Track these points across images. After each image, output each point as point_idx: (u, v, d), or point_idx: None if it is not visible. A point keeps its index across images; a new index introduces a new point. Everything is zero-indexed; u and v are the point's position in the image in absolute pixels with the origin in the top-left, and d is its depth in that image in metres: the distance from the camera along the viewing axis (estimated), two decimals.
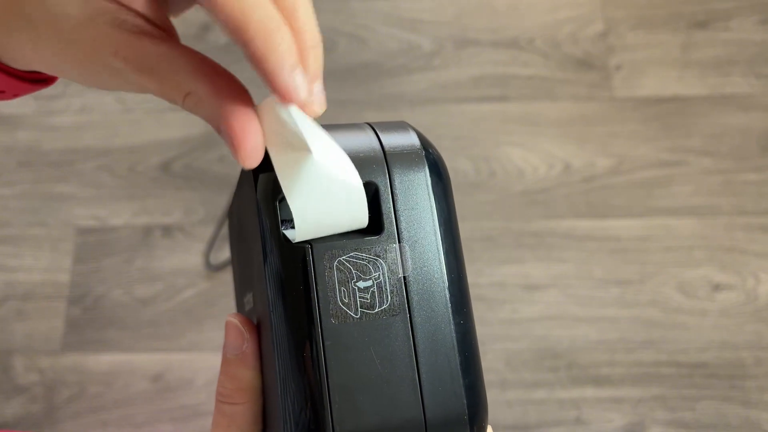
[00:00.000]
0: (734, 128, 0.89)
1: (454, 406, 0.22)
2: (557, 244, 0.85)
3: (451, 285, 0.23)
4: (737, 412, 0.78)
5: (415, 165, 0.23)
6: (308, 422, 0.21)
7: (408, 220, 0.23)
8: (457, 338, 0.22)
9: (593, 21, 0.95)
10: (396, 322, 0.21)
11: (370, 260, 0.22)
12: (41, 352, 0.85)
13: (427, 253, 0.22)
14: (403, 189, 0.23)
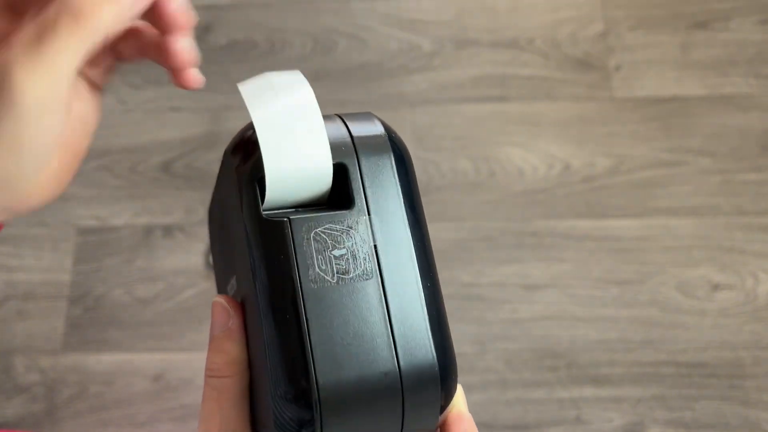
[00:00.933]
0: (733, 128, 0.89)
1: (425, 358, 0.25)
2: (557, 244, 0.85)
3: (417, 252, 0.25)
4: (736, 411, 0.78)
5: (380, 149, 0.26)
6: (294, 377, 0.23)
7: (375, 196, 0.25)
8: (425, 299, 0.25)
9: (593, 21, 0.95)
10: (369, 286, 0.24)
11: (343, 231, 0.24)
12: (42, 352, 0.85)
13: (394, 224, 0.25)
14: (369, 169, 0.26)
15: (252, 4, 1.00)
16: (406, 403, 0.24)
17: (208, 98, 0.95)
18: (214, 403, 0.26)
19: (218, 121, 0.94)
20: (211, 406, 0.26)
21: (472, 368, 0.81)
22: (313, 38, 0.97)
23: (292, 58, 0.96)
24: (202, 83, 0.29)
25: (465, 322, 0.83)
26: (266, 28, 0.99)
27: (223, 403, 0.26)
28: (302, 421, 0.23)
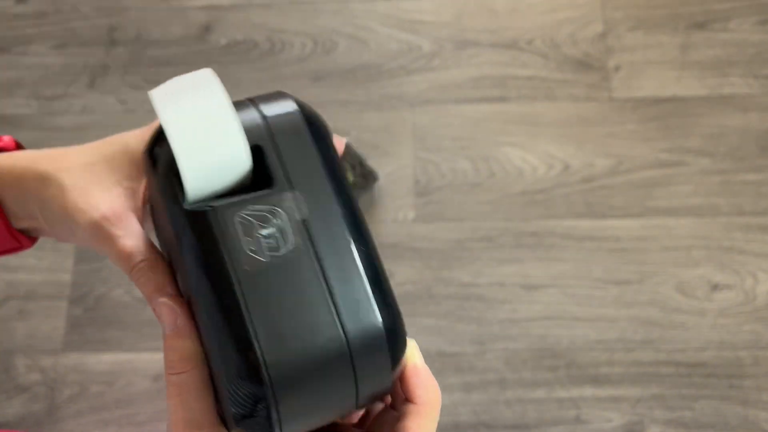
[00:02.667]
0: (733, 129, 0.89)
1: (370, 321, 0.25)
2: (556, 244, 0.85)
3: (347, 219, 0.26)
4: (736, 411, 0.78)
5: (294, 125, 0.26)
6: (242, 357, 0.23)
7: (296, 171, 0.25)
8: (362, 263, 0.25)
9: (592, 22, 0.95)
10: (303, 258, 0.24)
11: (267, 210, 0.25)
12: (43, 352, 0.86)
13: (320, 195, 0.25)
14: (286, 146, 0.26)
15: (252, 5, 1.00)
16: (357, 367, 0.25)
17: None
18: (176, 398, 0.27)
19: None
20: (175, 402, 0.27)
21: (472, 368, 0.81)
22: (313, 39, 0.98)
23: (292, 58, 0.97)
24: None
25: (464, 321, 0.83)
26: (266, 28, 0.99)
27: (185, 396, 0.27)
28: (256, 398, 0.24)
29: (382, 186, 0.90)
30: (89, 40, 1.00)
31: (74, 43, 1.00)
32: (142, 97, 0.96)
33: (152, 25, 1.00)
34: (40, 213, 0.32)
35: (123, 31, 1.00)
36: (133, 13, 1.01)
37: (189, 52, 0.98)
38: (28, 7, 1.03)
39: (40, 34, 1.01)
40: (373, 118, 0.93)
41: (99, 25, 1.01)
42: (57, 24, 1.02)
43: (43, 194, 0.31)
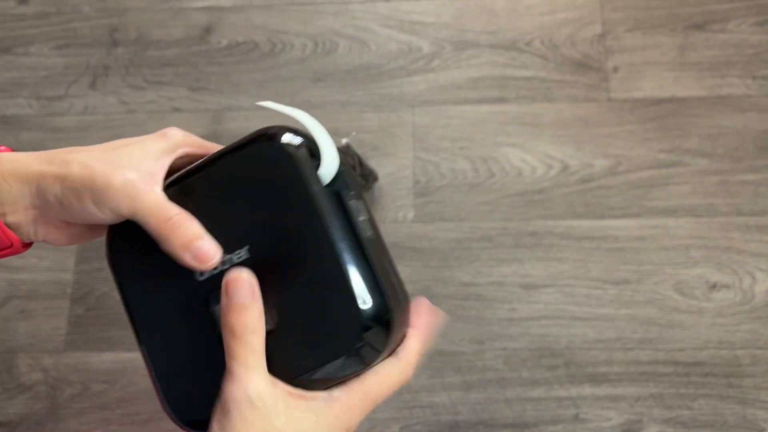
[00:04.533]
0: (731, 129, 0.89)
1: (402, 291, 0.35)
2: (555, 244, 0.86)
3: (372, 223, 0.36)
4: (734, 410, 0.79)
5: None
6: (377, 305, 0.33)
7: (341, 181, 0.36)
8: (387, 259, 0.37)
9: (591, 23, 0.95)
10: (378, 241, 0.37)
11: (356, 199, 0.36)
12: (44, 351, 0.86)
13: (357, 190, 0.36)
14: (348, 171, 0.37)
15: (253, 6, 1.01)
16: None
17: (210, 99, 0.96)
18: (256, 353, 0.32)
19: (219, 121, 0.94)
20: (257, 354, 0.32)
21: (471, 367, 0.82)
22: (313, 40, 0.98)
23: (293, 59, 0.97)
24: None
25: (464, 321, 0.83)
26: (267, 29, 0.99)
27: (258, 350, 0.32)
28: (376, 332, 0.33)
29: (382, 186, 0.90)
30: (90, 41, 1.00)
31: (75, 43, 1.00)
32: (143, 97, 0.97)
33: (153, 25, 1.01)
34: (52, 196, 0.34)
35: (124, 32, 1.01)
36: (134, 14, 1.02)
37: (190, 53, 0.98)
38: (29, 8, 1.03)
39: (42, 34, 1.01)
40: (373, 119, 0.93)
41: (100, 25, 1.01)
42: (58, 25, 1.02)
43: (62, 173, 0.34)
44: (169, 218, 0.33)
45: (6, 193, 0.34)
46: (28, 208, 0.34)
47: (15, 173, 0.34)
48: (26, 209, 0.34)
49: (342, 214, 0.33)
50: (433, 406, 0.81)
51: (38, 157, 0.35)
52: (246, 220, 0.34)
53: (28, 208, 0.34)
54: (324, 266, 0.32)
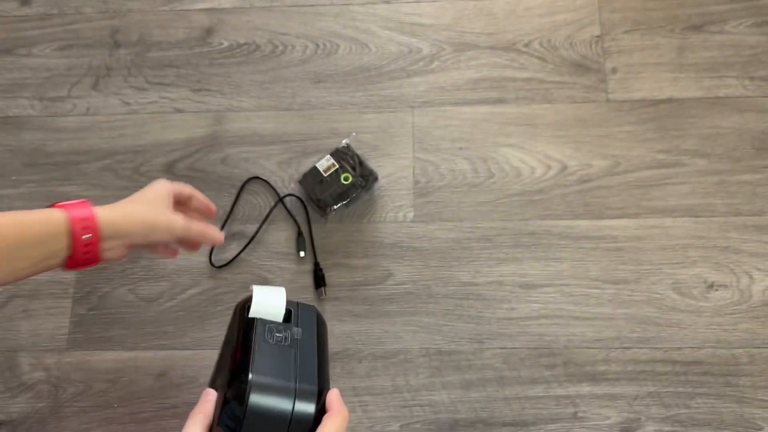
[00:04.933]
0: (729, 130, 0.90)
1: (312, 387, 0.50)
2: (554, 244, 0.86)
3: (319, 349, 0.55)
4: (732, 409, 0.79)
5: (311, 312, 0.57)
6: (238, 386, 0.48)
7: (302, 323, 0.56)
8: (317, 359, 0.53)
9: (589, 24, 0.96)
10: (290, 350, 0.52)
11: (284, 328, 0.53)
12: (47, 350, 0.86)
13: (308, 335, 0.55)
14: (303, 314, 0.56)
15: (254, 8, 1.01)
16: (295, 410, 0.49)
17: (211, 100, 0.96)
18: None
19: (220, 122, 0.95)
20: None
21: (471, 366, 0.82)
22: (314, 41, 0.98)
23: (294, 60, 0.97)
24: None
25: (463, 320, 0.84)
26: (268, 31, 0.99)
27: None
28: (236, 414, 0.47)
29: (381, 186, 0.90)
30: (92, 42, 1.01)
31: (77, 44, 1.01)
32: (145, 98, 0.97)
33: (155, 27, 1.01)
34: (126, 228, 0.57)
35: (126, 34, 1.01)
36: (135, 16, 1.02)
37: (191, 54, 0.99)
38: (31, 9, 1.04)
39: (44, 35, 1.02)
40: (373, 120, 0.93)
41: (102, 27, 1.02)
42: (60, 26, 1.02)
43: (130, 215, 0.58)
44: (187, 227, 0.62)
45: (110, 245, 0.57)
46: (121, 248, 0.58)
47: (117, 235, 0.57)
48: (119, 248, 0.58)
49: (249, 326, 0.53)
50: (432, 404, 0.81)
51: (123, 218, 0.57)
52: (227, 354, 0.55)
53: (121, 248, 0.58)
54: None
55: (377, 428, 0.81)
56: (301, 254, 0.87)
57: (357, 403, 0.81)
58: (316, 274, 0.86)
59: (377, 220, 0.88)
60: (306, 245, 0.88)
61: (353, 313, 0.85)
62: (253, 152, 0.93)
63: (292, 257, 0.88)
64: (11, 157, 0.95)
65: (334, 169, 0.87)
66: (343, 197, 0.87)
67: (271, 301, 0.54)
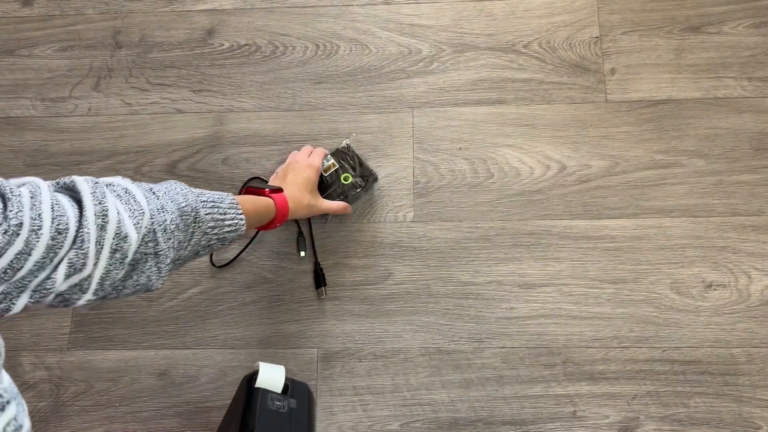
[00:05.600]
0: (727, 130, 0.90)
1: None
2: (553, 244, 0.86)
3: (308, 414, 0.70)
4: (730, 408, 0.79)
5: (305, 388, 0.70)
6: None
7: (296, 397, 0.68)
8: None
9: (588, 26, 0.96)
10: (285, 415, 0.66)
11: (281, 399, 0.66)
12: (48, 350, 0.86)
13: (302, 405, 0.68)
14: (297, 389, 0.70)
15: (255, 9, 1.01)
16: None
17: (212, 101, 0.96)
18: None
19: (221, 122, 0.95)
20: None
21: (470, 365, 0.82)
22: (314, 42, 0.99)
23: (294, 61, 0.98)
24: None
25: (463, 320, 0.84)
26: (269, 32, 1.00)
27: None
28: None
29: (381, 186, 0.91)
30: (94, 43, 1.01)
31: (79, 45, 1.01)
32: (146, 99, 0.97)
33: (156, 28, 1.01)
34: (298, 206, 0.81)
35: (127, 35, 1.01)
36: (137, 17, 1.02)
37: (192, 55, 0.99)
38: (33, 10, 1.04)
39: (46, 36, 1.02)
40: (373, 120, 0.94)
41: (103, 28, 1.02)
42: (62, 27, 1.02)
43: (299, 200, 0.81)
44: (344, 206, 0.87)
45: None
46: None
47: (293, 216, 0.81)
48: None
49: (252, 394, 0.66)
50: (432, 403, 0.81)
51: (296, 206, 0.80)
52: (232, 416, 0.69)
53: None
54: None
55: (377, 427, 0.81)
56: (301, 254, 0.88)
57: (357, 402, 0.82)
58: (317, 273, 0.86)
59: (377, 220, 0.89)
60: (306, 245, 0.88)
61: (353, 313, 0.85)
62: (254, 152, 0.93)
63: (293, 257, 0.88)
64: (13, 158, 0.96)
65: (334, 169, 0.88)
66: (342, 197, 0.87)
67: (274, 376, 0.67)
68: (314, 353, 0.84)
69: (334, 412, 0.82)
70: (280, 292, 0.87)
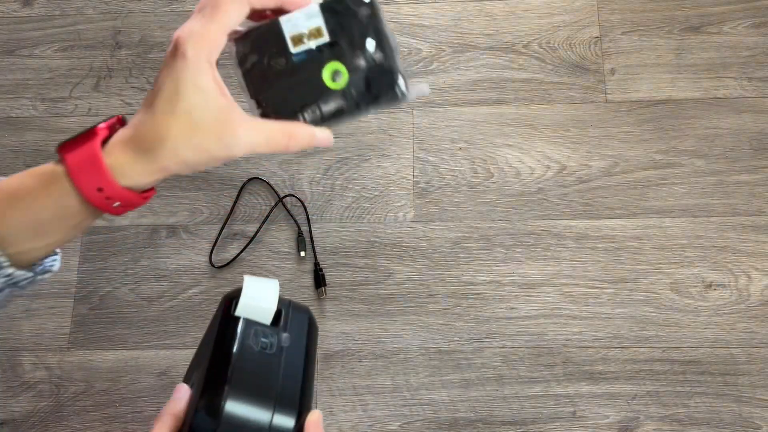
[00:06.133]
0: (727, 130, 0.90)
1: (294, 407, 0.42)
2: (553, 244, 0.86)
3: (307, 351, 0.46)
4: (730, 408, 0.79)
5: (304, 311, 0.48)
6: (213, 399, 0.39)
7: (291, 327, 0.46)
8: (302, 376, 0.44)
9: (588, 25, 0.96)
10: (274, 360, 0.43)
11: (270, 333, 0.44)
12: (48, 350, 0.86)
13: (297, 340, 0.46)
14: (293, 316, 0.46)
15: None
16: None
17: None
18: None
19: None
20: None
21: (470, 365, 0.82)
22: None
23: None
24: None
25: (463, 320, 0.84)
26: None
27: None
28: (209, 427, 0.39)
29: (381, 186, 0.91)
30: (94, 43, 1.01)
31: (79, 45, 1.01)
32: None
33: (156, 28, 1.01)
34: None
35: (127, 34, 1.01)
36: (137, 17, 1.02)
37: None
38: (33, 10, 1.04)
39: (46, 36, 1.02)
40: (372, 120, 0.94)
41: (103, 28, 1.02)
42: (62, 27, 1.02)
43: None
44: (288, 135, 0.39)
45: None
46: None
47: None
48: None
49: (230, 327, 0.44)
50: (432, 403, 0.81)
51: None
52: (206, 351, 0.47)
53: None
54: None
55: (377, 427, 0.81)
56: (301, 254, 0.88)
57: (357, 402, 0.82)
58: (317, 273, 0.86)
59: (377, 220, 0.89)
60: (306, 245, 0.88)
61: (353, 313, 0.85)
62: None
63: (293, 257, 0.88)
64: (14, 158, 0.96)
65: (316, 44, 0.38)
66: (318, 116, 0.39)
67: (262, 299, 0.46)
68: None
69: (334, 412, 0.82)
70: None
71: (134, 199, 0.37)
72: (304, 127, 0.38)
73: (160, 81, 0.36)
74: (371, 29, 0.38)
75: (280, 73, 0.39)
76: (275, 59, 0.39)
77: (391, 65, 0.38)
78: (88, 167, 0.36)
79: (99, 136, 0.37)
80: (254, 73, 0.40)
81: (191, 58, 0.35)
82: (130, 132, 0.37)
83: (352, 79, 0.38)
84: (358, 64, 0.38)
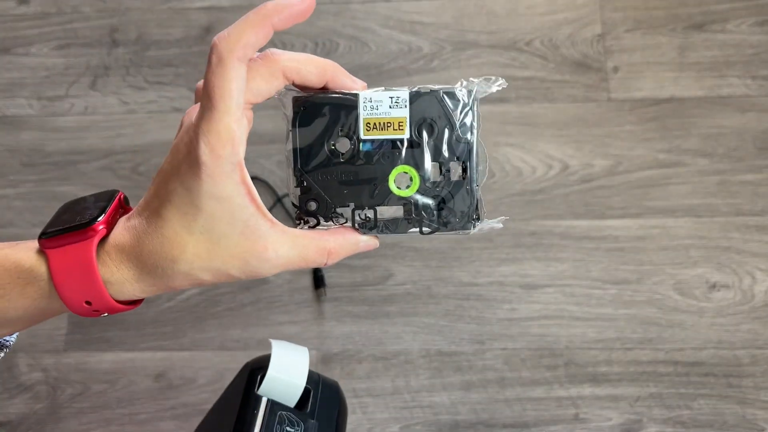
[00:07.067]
0: (731, 129, 0.90)
1: None
2: (555, 244, 0.86)
3: None
4: (734, 410, 0.79)
5: (334, 389, 0.46)
6: None
7: (319, 415, 0.43)
8: None
9: (591, 23, 0.96)
10: None
11: (295, 420, 0.41)
12: (45, 351, 0.86)
13: (325, 423, 0.44)
14: (323, 397, 0.44)
15: (253, 6, 1.01)
16: None
17: None
18: None
19: None
20: None
21: (471, 367, 0.82)
22: (313, 40, 0.98)
23: None
24: None
25: (464, 321, 0.83)
26: None
27: None
28: None
29: None
30: (91, 41, 1.01)
31: (76, 44, 1.01)
32: (143, 98, 0.97)
33: (153, 26, 1.01)
34: None
35: (124, 32, 1.01)
36: (134, 14, 1.02)
37: (190, 53, 0.98)
38: (29, 8, 1.03)
39: (42, 34, 1.01)
40: None
41: (100, 26, 1.01)
42: (58, 25, 1.02)
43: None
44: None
45: None
46: None
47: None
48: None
49: (248, 413, 0.42)
50: (433, 405, 0.81)
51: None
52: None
53: None
54: None
55: (377, 430, 0.80)
56: None
57: (357, 405, 0.81)
58: (316, 274, 0.86)
59: None
60: None
61: (353, 314, 0.85)
62: (252, 152, 0.93)
63: None
64: (9, 157, 0.95)
65: (390, 137, 0.33)
66: (379, 224, 0.35)
67: (290, 375, 0.41)
68: (313, 355, 0.84)
69: None
70: (279, 293, 0.86)
71: (123, 309, 0.31)
72: (347, 237, 0.32)
73: (171, 186, 0.29)
74: (463, 141, 0.31)
75: (339, 157, 0.31)
76: (338, 140, 0.31)
77: (474, 194, 0.32)
78: (77, 276, 0.29)
79: (95, 237, 0.29)
80: (308, 145, 0.31)
81: (208, 164, 0.28)
82: (133, 241, 0.29)
83: (423, 194, 0.32)
84: (436, 179, 0.32)
